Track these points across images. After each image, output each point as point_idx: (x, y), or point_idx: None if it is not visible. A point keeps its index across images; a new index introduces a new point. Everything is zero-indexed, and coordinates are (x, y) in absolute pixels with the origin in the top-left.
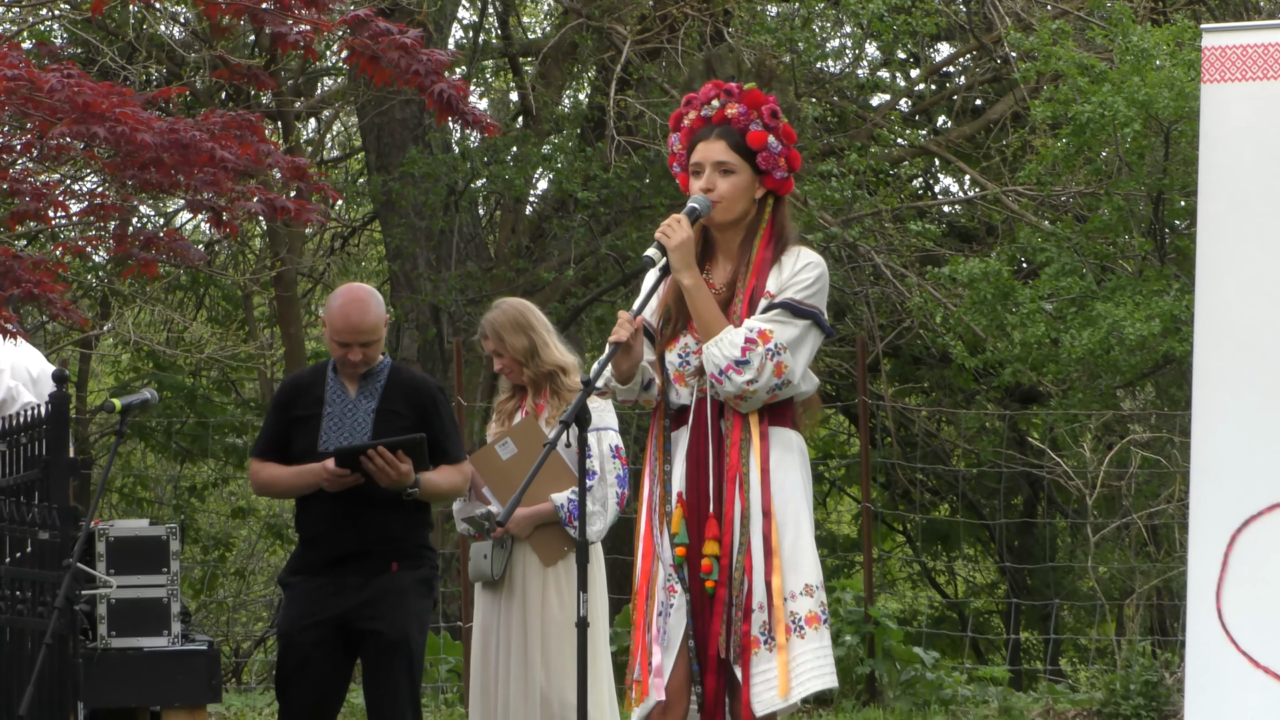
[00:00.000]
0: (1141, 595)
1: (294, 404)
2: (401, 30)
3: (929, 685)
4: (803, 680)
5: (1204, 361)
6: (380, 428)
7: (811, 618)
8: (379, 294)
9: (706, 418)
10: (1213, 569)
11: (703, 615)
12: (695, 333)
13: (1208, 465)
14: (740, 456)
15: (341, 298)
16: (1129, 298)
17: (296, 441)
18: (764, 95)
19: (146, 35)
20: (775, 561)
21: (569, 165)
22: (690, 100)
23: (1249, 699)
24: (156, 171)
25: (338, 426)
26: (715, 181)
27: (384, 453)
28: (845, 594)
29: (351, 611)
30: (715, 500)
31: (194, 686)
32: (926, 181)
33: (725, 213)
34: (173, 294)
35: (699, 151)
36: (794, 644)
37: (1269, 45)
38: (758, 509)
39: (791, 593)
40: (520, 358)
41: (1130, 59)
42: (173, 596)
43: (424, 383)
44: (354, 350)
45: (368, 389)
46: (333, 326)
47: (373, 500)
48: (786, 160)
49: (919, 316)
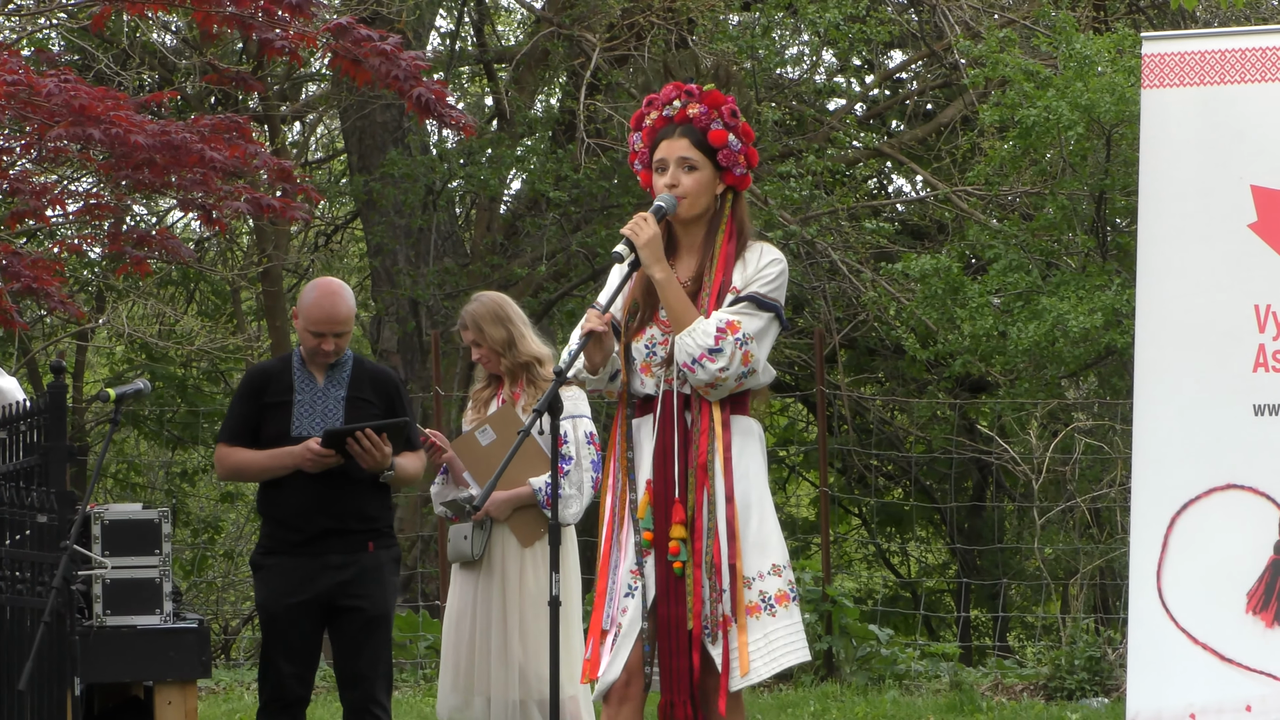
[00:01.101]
0: (1085, 575)
1: (264, 391)
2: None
3: (883, 661)
4: (777, 655)
5: (1144, 353)
6: (351, 414)
7: (781, 596)
8: (349, 288)
9: (673, 407)
10: (1153, 550)
11: (669, 599)
12: (662, 324)
13: (1148, 451)
14: (707, 444)
15: (316, 291)
16: (1073, 292)
17: (266, 427)
18: (723, 96)
19: (140, 43)
20: (737, 546)
21: (541, 166)
22: (652, 100)
23: (1188, 673)
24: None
25: (309, 412)
26: (680, 177)
27: (371, 434)
28: (804, 574)
29: (334, 588)
30: (682, 486)
31: (185, 662)
32: (880, 182)
33: (690, 208)
34: (164, 289)
35: (662, 149)
36: (766, 622)
37: (1205, 53)
38: (722, 495)
39: (760, 572)
40: (498, 348)
41: (1073, 65)
42: (165, 577)
43: (388, 373)
44: (327, 340)
45: (335, 378)
46: (308, 318)
47: (347, 481)
48: (745, 157)
49: (873, 310)
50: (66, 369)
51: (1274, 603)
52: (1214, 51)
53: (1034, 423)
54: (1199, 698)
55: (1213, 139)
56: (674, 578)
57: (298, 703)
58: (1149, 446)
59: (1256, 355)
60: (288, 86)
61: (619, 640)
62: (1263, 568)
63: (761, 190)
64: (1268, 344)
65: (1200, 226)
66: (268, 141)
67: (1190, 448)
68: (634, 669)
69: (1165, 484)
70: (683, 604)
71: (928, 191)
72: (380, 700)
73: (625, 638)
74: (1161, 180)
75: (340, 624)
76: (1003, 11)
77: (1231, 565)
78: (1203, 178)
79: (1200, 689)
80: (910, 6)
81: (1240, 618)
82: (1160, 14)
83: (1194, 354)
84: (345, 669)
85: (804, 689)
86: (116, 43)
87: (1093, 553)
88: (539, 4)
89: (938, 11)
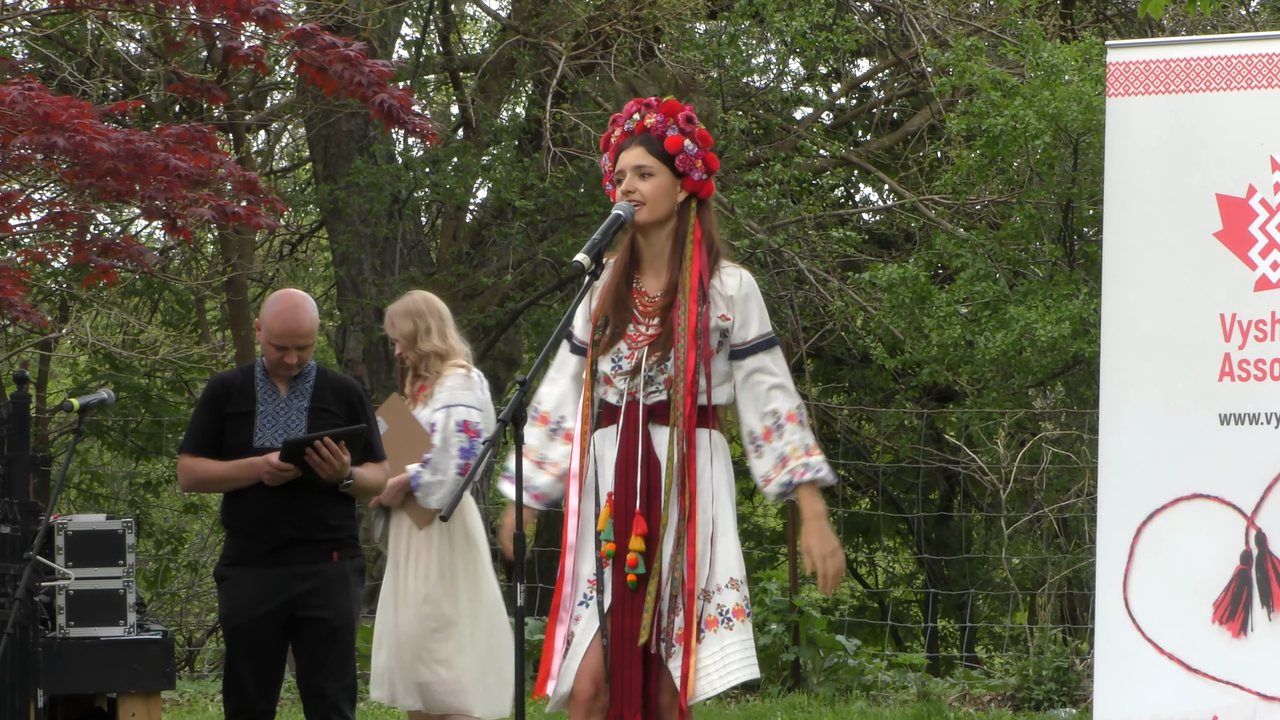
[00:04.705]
0: (1052, 585)
1: (226, 401)
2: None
3: (851, 672)
4: (731, 670)
5: (1110, 362)
6: (314, 424)
7: (738, 610)
8: (312, 299)
9: (636, 420)
10: (1120, 560)
11: (624, 611)
12: (629, 338)
13: (1115, 461)
14: (669, 458)
15: (279, 304)
16: (1040, 301)
17: (229, 438)
18: (680, 104)
19: (104, 51)
20: (694, 558)
21: (507, 175)
22: (616, 119)
23: (1154, 683)
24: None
25: (272, 424)
26: (636, 184)
27: (329, 443)
28: (771, 584)
29: (298, 599)
30: (643, 498)
31: (149, 674)
32: (847, 191)
33: (650, 213)
34: (129, 298)
35: (621, 160)
36: (723, 635)
37: (1170, 61)
38: (686, 508)
39: (718, 586)
40: (405, 341)
41: (1040, 74)
42: (128, 588)
43: (351, 383)
44: (290, 353)
45: (298, 389)
46: (270, 331)
47: (310, 491)
48: (704, 162)
49: (841, 319)
50: (30, 379)
51: (1240, 613)
52: (1179, 60)
53: (1001, 432)
54: (1166, 708)
55: (1178, 147)
56: (629, 590)
57: (263, 715)
58: (1115, 456)
59: (1222, 364)
60: (252, 95)
61: (571, 650)
62: (1229, 578)
63: (729, 199)
64: (1233, 353)
65: (1165, 235)
66: (232, 150)
67: (1157, 457)
68: (601, 680)
69: (1132, 494)
70: (638, 617)
71: (895, 200)
72: (344, 712)
73: (578, 647)
74: (1127, 189)
75: (303, 635)
76: (970, 20)
77: (1198, 575)
78: (1168, 186)
79: (1167, 699)
80: (877, 15)
81: (1207, 627)
82: (1127, 22)
83: (1160, 363)
84: (308, 681)
85: (771, 700)
86: (81, 51)
87: (1060, 563)
88: (505, 12)
89: (905, 20)
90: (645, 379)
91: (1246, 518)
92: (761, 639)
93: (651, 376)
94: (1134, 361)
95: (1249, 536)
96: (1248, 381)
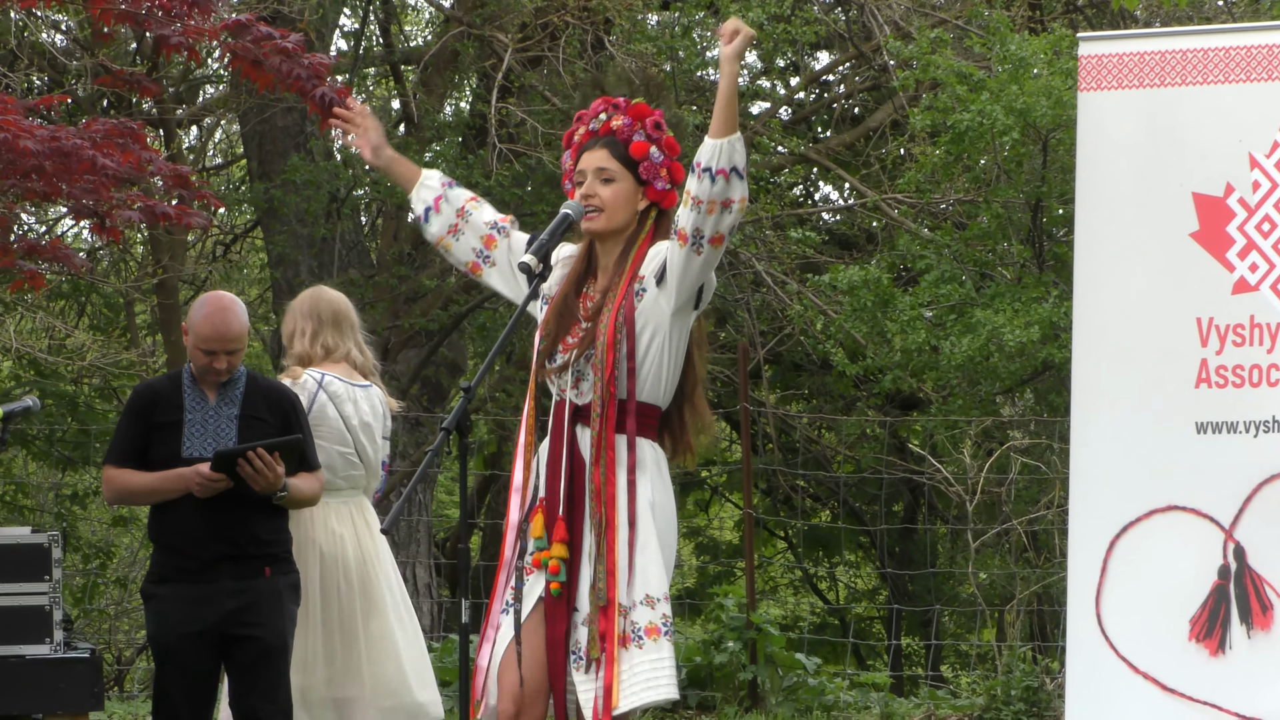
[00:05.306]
0: (1022, 601)
1: (153, 410)
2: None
3: (811, 691)
4: (637, 690)
5: (1081, 368)
6: (245, 433)
7: (651, 629)
8: (242, 302)
9: (564, 419)
10: (1092, 575)
11: (554, 618)
12: (564, 342)
13: (1086, 471)
14: (595, 462)
15: (207, 306)
16: (1008, 304)
17: (156, 448)
18: (650, 109)
19: (28, 42)
20: (612, 568)
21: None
22: (580, 117)
23: (1128, 704)
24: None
25: (201, 433)
26: (596, 189)
27: (263, 454)
28: (727, 600)
29: (229, 617)
30: (566, 503)
31: (76, 694)
32: (806, 189)
33: (608, 221)
34: (54, 301)
35: (583, 161)
36: (632, 654)
37: (1145, 54)
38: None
39: (633, 602)
40: (285, 341)
41: (1008, 67)
42: (54, 604)
43: (283, 390)
44: (219, 359)
45: (228, 396)
46: (199, 335)
47: (241, 504)
48: (669, 172)
49: (800, 324)
50: None
51: (1218, 630)
52: (1154, 53)
53: (968, 441)
54: None
55: (1152, 144)
56: (553, 599)
57: None
58: (1087, 466)
59: (1199, 370)
60: (184, 89)
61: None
62: (1206, 593)
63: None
64: (1210, 359)
65: (1139, 236)
66: (163, 147)
67: (1130, 467)
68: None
69: (1104, 506)
70: (562, 625)
71: (856, 199)
72: None
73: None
74: (1099, 187)
75: (235, 654)
76: (934, 11)
77: (1174, 591)
78: (1142, 185)
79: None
80: (837, 6)
81: (1183, 646)
82: (1099, 14)
83: (1133, 369)
84: (241, 702)
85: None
86: (3, 43)
87: (1029, 578)
88: (448, 3)
89: (866, 11)
90: (574, 375)
91: (1224, 531)
92: (718, 657)
93: (580, 373)
94: (1106, 368)
95: (1227, 550)
96: (1225, 388)
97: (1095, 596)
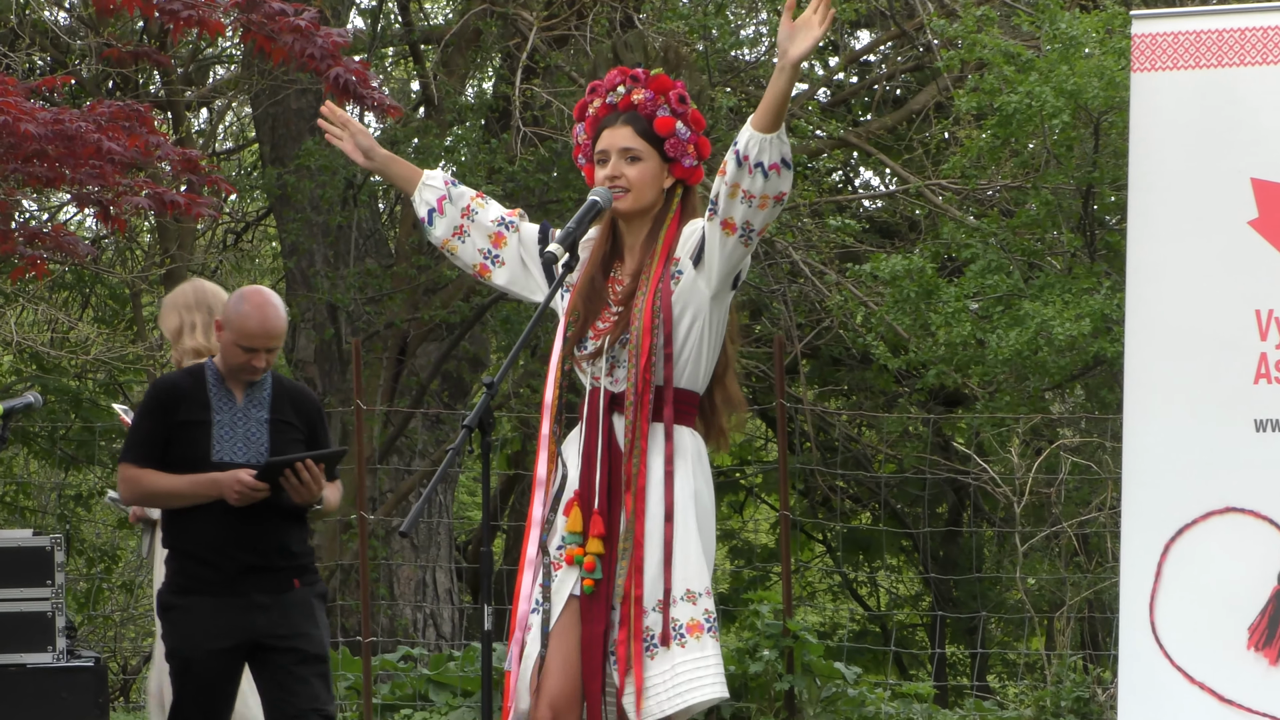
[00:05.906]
0: (1072, 607)
1: (176, 408)
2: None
3: (851, 702)
4: (680, 691)
5: (1134, 363)
6: (275, 437)
7: (693, 625)
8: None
9: (599, 409)
10: (1146, 580)
11: (590, 618)
12: (595, 327)
13: (1140, 471)
14: (631, 453)
15: (249, 301)
16: (1058, 296)
17: (178, 448)
18: (671, 80)
19: (30, 21)
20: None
21: (473, 157)
22: (595, 88)
23: (1183, 715)
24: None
25: (230, 435)
26: (622, 169)
27: (311, 465)
28: (763, 606)
29: (263, 630)
30: (603, 497)
31: (80, 705)
32: (846, 175)
33: (635, 202)
34: (57, 293)
35: (604, 139)
36: (674, 653)
37: (1200, 33)
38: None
39: (674, 599)
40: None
41: (1058, 47)
42: (57, 610)
43: (308, 392)
44: (259, 356)
45: (255, 397)
46: (243, 331)
47: (272, 514)
48: (695, 147)
49: (839, 316)
50: None
51: (1278, 638)
52: (1211, 31)
53: (1015, 440)
54: None
55: (1209, 127)
56: (586, 596)
57: None
58: (1140, 466)
59: (1258, 365)
60: (193, 70)
61: (522, 663)
62: (1266, 599)
63: None
64: (1270, 353)
65: (1196, 224)
66: (171, 131)
67: (1185, 467)
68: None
69: (1158, 507)
70: (600, 624)
71: (898, 185)
72: None
73: (527, 659)
74: (1153, 173)
75: (272, 666)
76: None
77: (1231, 597)
78: (1199, 170)
79: None
80: None
81: (1241, 654)
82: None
83: (1189, 364)
84: (284, 710)
85: None
86: (4, 21)
87: (1080, 583)
88: None
89: None
90: (608, 362)
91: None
92: (753, 666)
93: (616, 360)
94: (1161, 362)
95: None
96: None
97: (1149, 603)
